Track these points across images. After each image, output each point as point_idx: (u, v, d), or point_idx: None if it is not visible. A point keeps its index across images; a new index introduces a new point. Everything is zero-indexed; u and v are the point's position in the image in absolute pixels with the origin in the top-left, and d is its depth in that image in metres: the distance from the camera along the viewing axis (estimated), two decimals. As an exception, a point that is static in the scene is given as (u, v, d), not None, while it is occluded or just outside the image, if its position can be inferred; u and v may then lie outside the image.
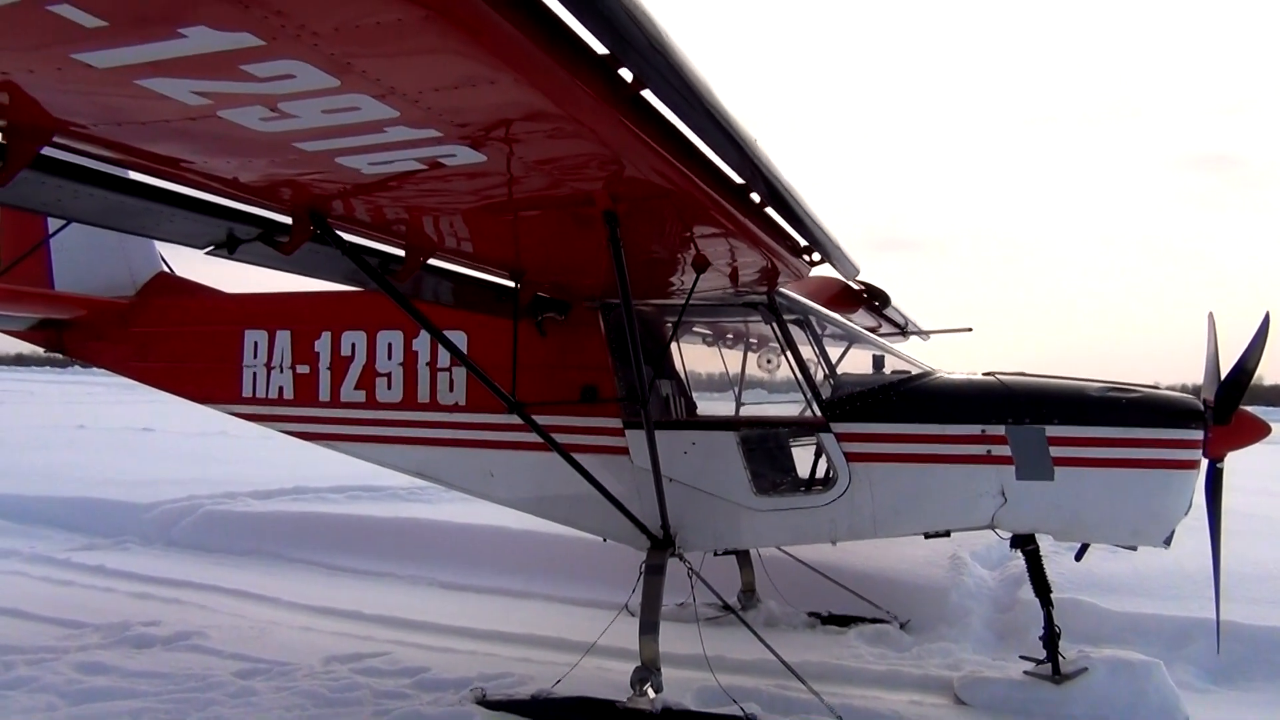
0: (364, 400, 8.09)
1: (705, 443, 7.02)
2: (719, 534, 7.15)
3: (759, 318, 7.46)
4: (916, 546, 9.89)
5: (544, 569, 10.25)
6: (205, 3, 2.40)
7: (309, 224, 4.73)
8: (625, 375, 7.14)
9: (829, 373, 7.21)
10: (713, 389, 9.72)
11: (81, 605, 9.06)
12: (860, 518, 6.72)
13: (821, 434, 6.84)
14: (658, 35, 3.04)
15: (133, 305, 9.13)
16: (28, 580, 10.08)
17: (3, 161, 3.51)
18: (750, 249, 5.65)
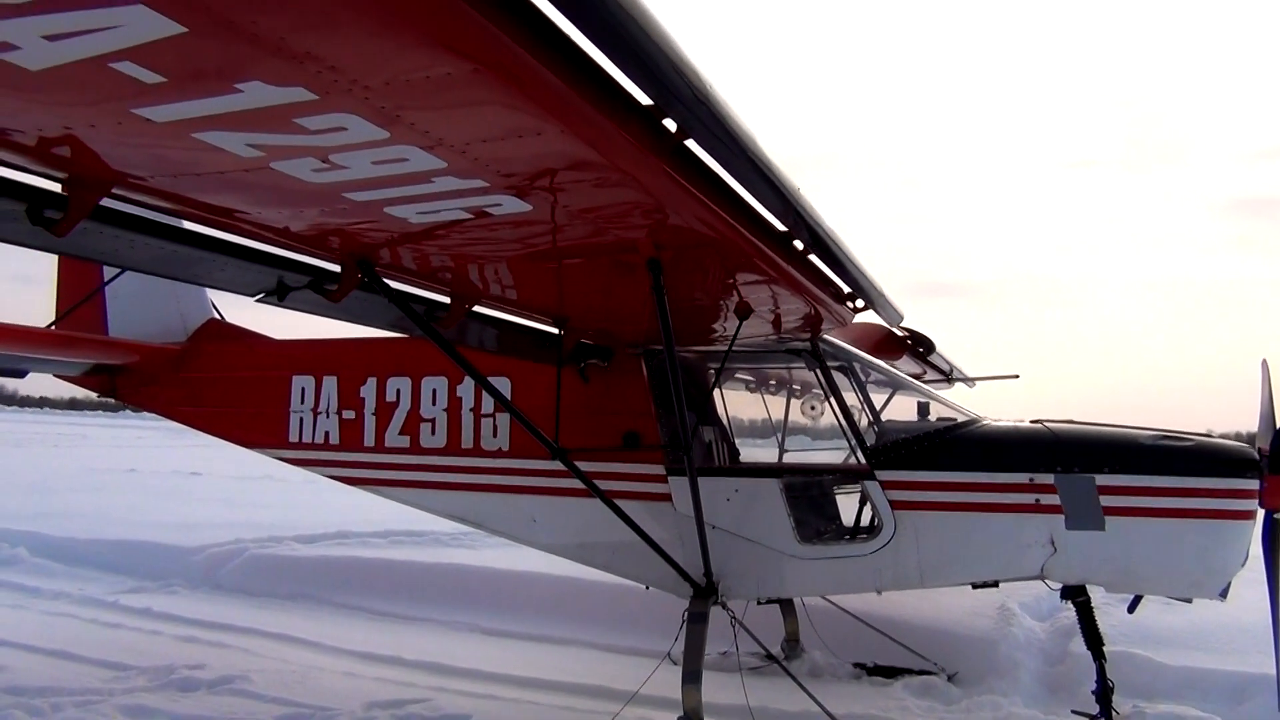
0: (408, 446, 8.15)
1: (748, 489, 6.98)
2: (762, 582, 7.07)
3: (802, 364, 7.44)
4: (964, 597, 9.71)
5: (586, 616, 10.19)
6: (261, 58, 2.47)
7: (357, 272, 4.81)
8: (668, 421, 7.13)
9: (873, 420, 7.15)
10: (755, 435, 9.68)
11: (128, 647, 9.14)
12: (906, 567, 6.63)
13: (866, 481, 6.77)
14: (701, 86, 3.08)
15: (184, 351, 9.29)
16: (77, 622, 10.19)
17: (64, 212, 3.62)
18: (793, 296, 5.66)
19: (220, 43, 2.38)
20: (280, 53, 2.43)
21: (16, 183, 3.59)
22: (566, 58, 2.76)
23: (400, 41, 2.45)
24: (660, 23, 2.71)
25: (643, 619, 9.41)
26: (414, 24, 2.37)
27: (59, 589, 11.73)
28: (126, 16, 2.21)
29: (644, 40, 2.69)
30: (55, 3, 2.16)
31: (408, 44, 2.46)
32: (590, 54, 2.82)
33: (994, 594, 9.48)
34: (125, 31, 2.29)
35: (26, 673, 8.13)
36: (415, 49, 2.49)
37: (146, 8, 2.17)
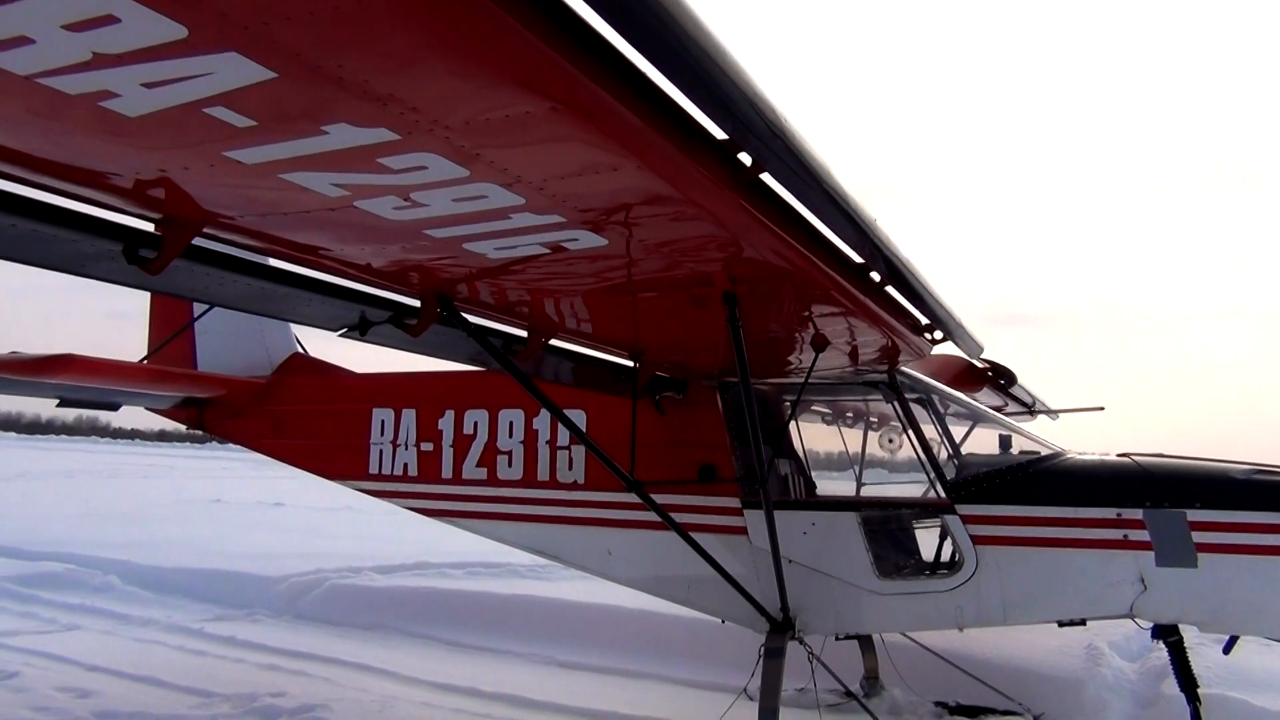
0: (485, 478, 8.22)
1: (825, 523, 6.90)
2: (840, 617, 6.97)
3: (879, 397, 7.36)
4: (1050, 635, 9.42)
5: (662, 649, 10.14)
6: (346, 101, 2.54)
7: (436, 307, 4.89)
8: (743, 454, 7.09)
9: (953, 453, 7.03)
10: (832, 468, 9.57)
11: (213, 675, 9.33)
12: (989, 604, 6.48)
13: (946, 516, 6.65)
14: (776, 120, 3.09)
15: (269, 385, 9.53)
16: (164, 649, 10.44)
17: (158, 251, 3.75)
18: (870, 328, 5.61)
19: (308, 87, 2.45)
20: (365, 95, 2.50)
21: (113, 223, 3.73)
22: (643, 94, 2.79)
23: (480, 82, 2.51)
24: (735, 58, 2.72)
25: (719, 653, 9.32)
26: (494, 65, 2.42)
27: (148, 616, 12.05)
28: (220, 64, 2.30)
29: (719, 76, 2.71)
30: (154, 51, 2.25)
31: (487, 84, 2.52)
32: (666, 90, 2.84)
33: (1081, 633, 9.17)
34: (219, 78, 2.38)
35: (117, 698, 8.35)
36: (495, 89, 2.54)
37: (239, 55, 2.26)
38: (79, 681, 8.85)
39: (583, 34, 2.46)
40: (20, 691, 8.46)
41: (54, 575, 14.17)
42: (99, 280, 4.13)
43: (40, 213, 3.52)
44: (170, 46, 2.22)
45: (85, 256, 3.85)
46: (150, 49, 2.23)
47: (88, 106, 2.54)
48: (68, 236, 3.67)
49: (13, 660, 9.52)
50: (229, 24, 2.13)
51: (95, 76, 2.38)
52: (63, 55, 2.27)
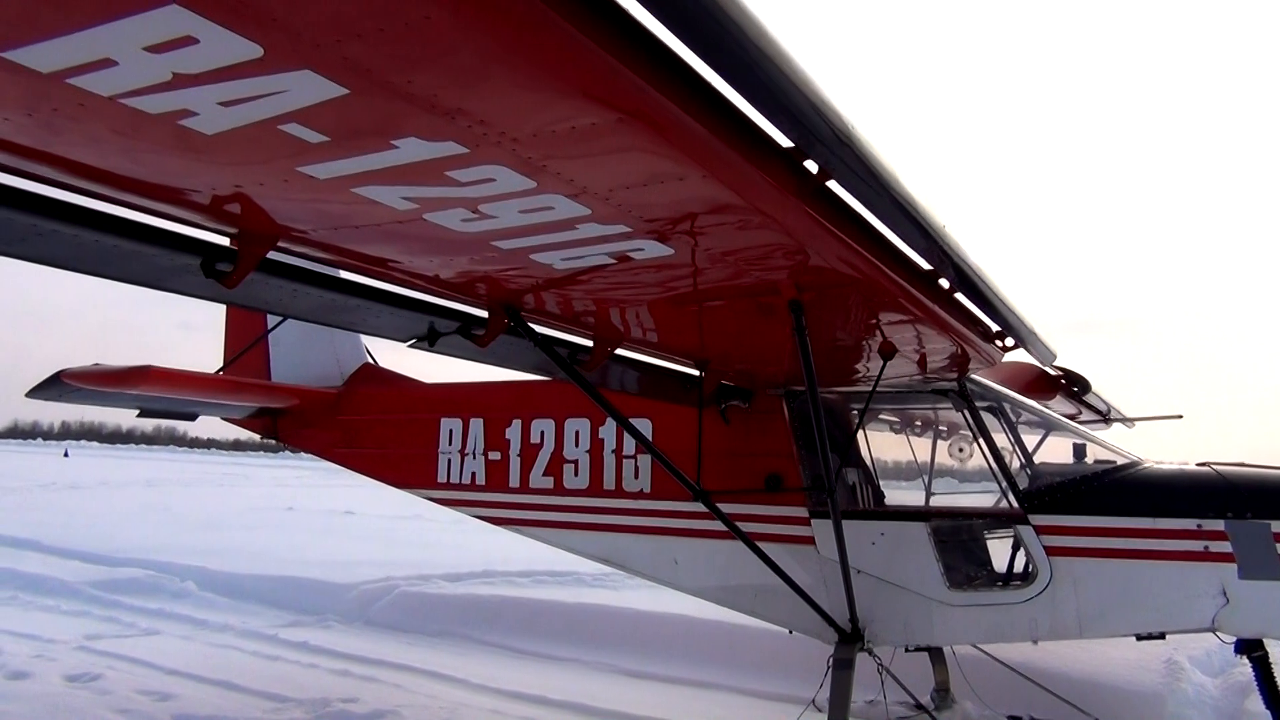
0: (552, 487, 8.27)
1: (894, 533, 6.83)
2: (910, 629, 6.88)
3: (949, 405, 7.25)
4: (1127, 649, 9.21)
5: (729, 659, 10.09)
6: (416, 115, 2.58)
7: (504, 317, 4.94)
8: (810, 463, 7.04)
9: (1025, 462, 6.91)
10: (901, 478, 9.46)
11: (287, 680, 9.50)
12: (1063, 616, 6.34)
13: (1019, 526, 6.53)
14: (844, 128, 3.06)
15: (340, 395, 9.69)
16: (240, 654, 10.66)
17: (234, 265, 3.84)
18: (939, 335, 5.54)
19: (378, 102, 2.49)
20: (433, 109, 2.53)
21: (191, 238, 3.83)
22: (708, 103, 2.79)
23: (547, 94, 2.53)
24: (801, 65, 2.71)
25: (787, 664, 9.27)
26: (560, 77, 2.44)
27: (224, 622, 12.31)
28: (294, 81, 2.35)
29: (785, 84, 2.70)
30: (231, 71, 2.30)
31: (554, 96, 2.54)
32: (731, 99, 2.84)
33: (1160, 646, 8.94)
34: (292, 95, 2.43)
35: (195, 701, 8.55)
36: (561, 101, 2.56)
37: (313, 72, 2.31)
38: (159, 685, 9.08)
39: (648, 44, 2.47)
40: (104, 694, 8.71)
41: (135, 581, 14.58)
42: (177, 294, 4.23)
43: (122, 228, 3.62)
44: (247, 66, 2.27)
45: (164, 271, 3.96)
46: (227, 68, 2.29)
47: (167, 125, 2.62)
48: (148, 252, 3.77)
49: (97, 663, 9.80)
50: (303, 43, 2.18)
51: (175, 96, 2.44)
52: (144, 76, 2.34)
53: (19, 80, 2.35)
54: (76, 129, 2.68)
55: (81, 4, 2.05)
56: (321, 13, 2.08)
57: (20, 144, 2.80)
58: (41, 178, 3.13)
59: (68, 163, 2.98)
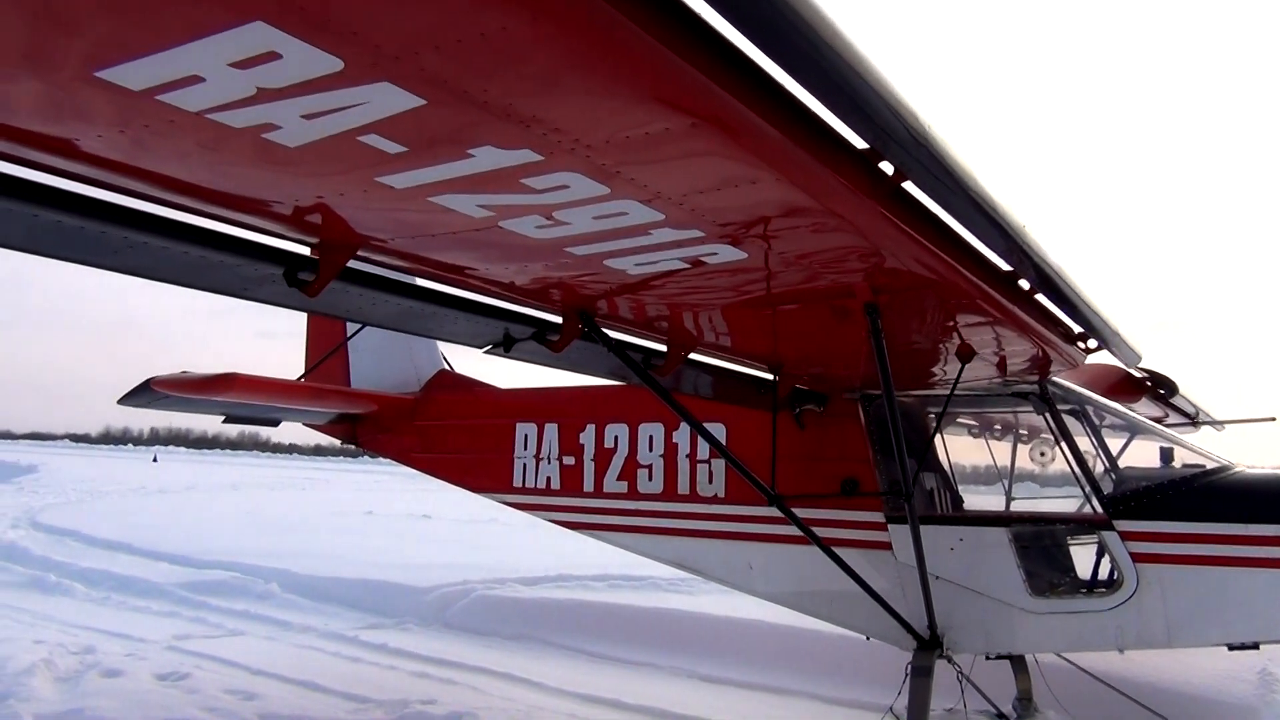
0: (626, 491, 8.29)
1: (974, 539, 6.71)
2: (991, 636, 6.76)
3: (1030, 408, 7.11)
4: (1217, 658, 8.92)
5: (805, 665, 10.00)
6: (491, 124, 2.61)
7: (578, 323, 4.97)
8: (887, 468, 6.96)
9: (1109, 466, 6.74)
10: (980, 482, 9.29)
11: (367, 681, 9.66)
12: (1151, 625, 6.18)
13: (1103, 532, 6.38)
14: (920, 128, 3.02)
15: (417, 401, 9.84)
16: (322, 655, 10.87)
17: (315, 274, 3.92)
18: (1019, 337, 5.43)
19: (455, 112, 2.53)
20: (509, 118, 2.56)
21: (275, 248, 3.92)
22: (781, 106, 2.77)
23: (620, 101, 2.54)
24: (876, 66, 2.68)
25: (864, 671, 9.16)
26: (634, 83, 2.45)
27: (306, 623, 12.58)
28: (374, 93, 2.40)
29: (860, 86, 2.67)
30: (313, 85, 2.36)
31: (628, 103, 2.55)
32: (805, 101, 2.82)
33: (1254, 657, 8.66)
34: (372, 107, 2.48)
35: (279, 701, 8.75)
36: (635, 107, 2.57)
37: (391, 84, 2.35)
38: (244, 684, 9.30)
39: (721, 48, 2.46)
40: (192, 692, 8.96)
41: (221, 583, 14.97)
42: (261, 303, 4.34)
43: (209, 240, 3.73)
44: (328, 79, 2.32)
45: (249, 281, 4.06)
46: (309, 82, 2.34)
47: (251, 139, 2.69)
48: (233, 262, 3.87)
49: (185, 663, 10.07)
50: (382, 55, 2.22)
51: (259, 110, 2.51)
52: (230, 92, 2.41)
53: (112, 98, 2.43)
54: (166, 144, 2.77)
55: (170, 23, 2.12)
56: (400, 26, 2.12)
57: (113, 160, 2.90)
58: (133, 192, 3.24)
59: (157, 177, 3.08)
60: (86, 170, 3.01)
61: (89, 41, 2.20)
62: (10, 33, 2.17)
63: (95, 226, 3.40)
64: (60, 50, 2.25)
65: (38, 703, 8.38)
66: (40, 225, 3.32)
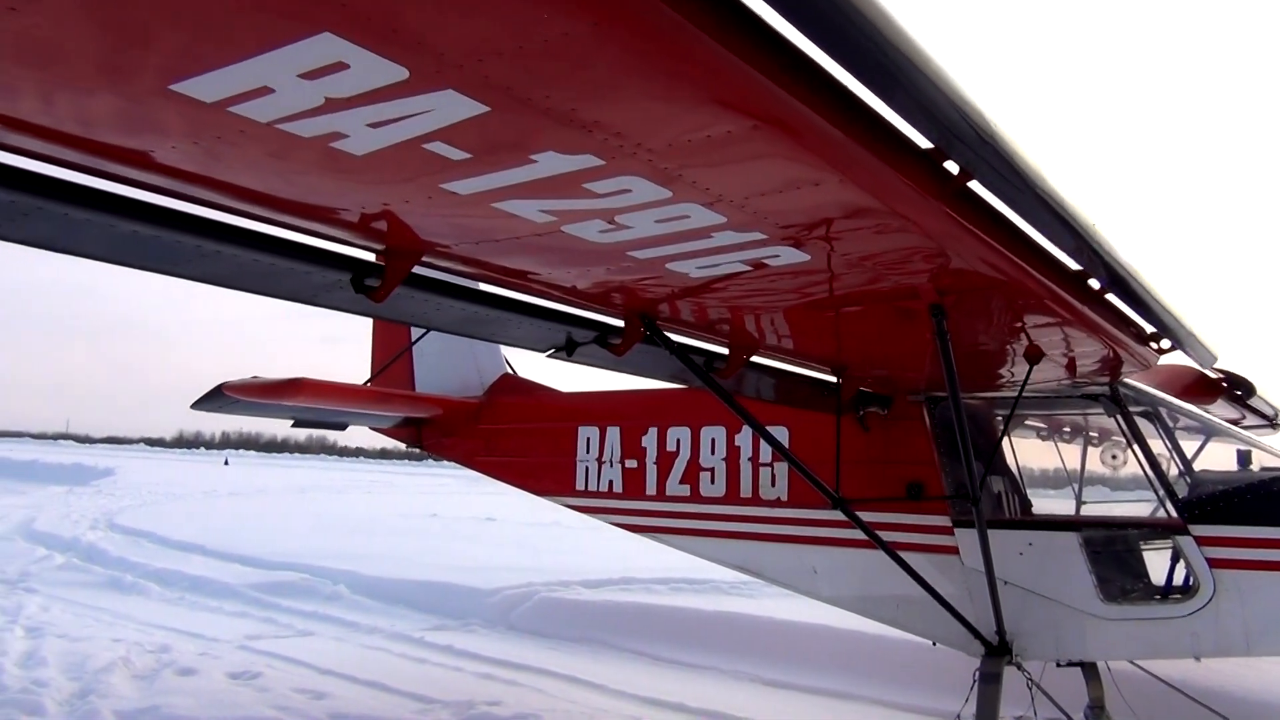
0: (688, 494, 8.28)
1: (1044, 543, 6.59)
2: (1061, 643, 6.62)
3: (1100, 410, 6.96)
4: (1300, 668, 8.68)
5: (870, 671, 9.91)
6: (554, 130, 2.63)
7: (640, 326, 4.98)
8: (953, 471, 6.86)
9: (1184, 470, 6.58)
10: (1049, 486, 9.13)
11: (433, 682, 9.78)
12: (1229, 632, 6.01)
13: (1178, 537, 6.22)
14: (986, 127, 2.98)
15: (481, 405, 9.93)
16: (389, 656, 11.02)
17: (381, 280, 3.98)
18: (1089, 338, 5.32)
19: (518, 118, 2.55)
20: (571, 123, 2.58)
21: (342, 255, 3.99)
22: (844, 107, 2.75)
23: (682, 104, 2.54)
24: (940, 65, 2.65)
25: (930, 676, 9.04)
26: (695, 86, 2.45)
27: (374, 624, 12.76)
28: (439, 101, 2.43)
29: (925, 85, 2.65)
30: (379, 94, 2.40)
31: (689, 106, 2.55)
32: (868, 101, 2.80)
33: (1338, 666, 8.41)
34: (437, 115, 2.51)
35: (348, 701, 8.88)
36: (696, 110, 2.57)
37: (456, 92, 2.38)
38: (314, 684, 9.46)
39: (783, 50, 2.45)
40: (264, 691, 9.14)
41: (290, 584, 15.26)
42: (329, 309, 4.41)
43: (278, 247, 3.80)
44: (394, 88, 2.36)
45: (317, 287, 4.13)
46: (376, 91, 2.38)
47: (319, 148, 2.74)
48: (302, 269, 3.94)
49: (257, 662, 10.28)
50: (446, 64, 2.25)
51: (327, 120, 2.56)
52: (299, 102, 2.45)
53: (186, 111, 2.50)
54: (237, 154, 2.83)
55: (242, 36, 2.17)
56: (464, 34, 2.15)
57: (187, 170, 2.98)
58: (205, 201, 3.32)
59: (229, 186, 3.15)
60: (161, 181, 3.09)
61: (164, 56, 2.26)
62: (88, 48, 2.24)
63: (171, 236, 3.49)
64: (136, 65, 2.31)
65: (116, 699, 8.62)
66: (118, 236, 3.41)
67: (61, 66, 2.34)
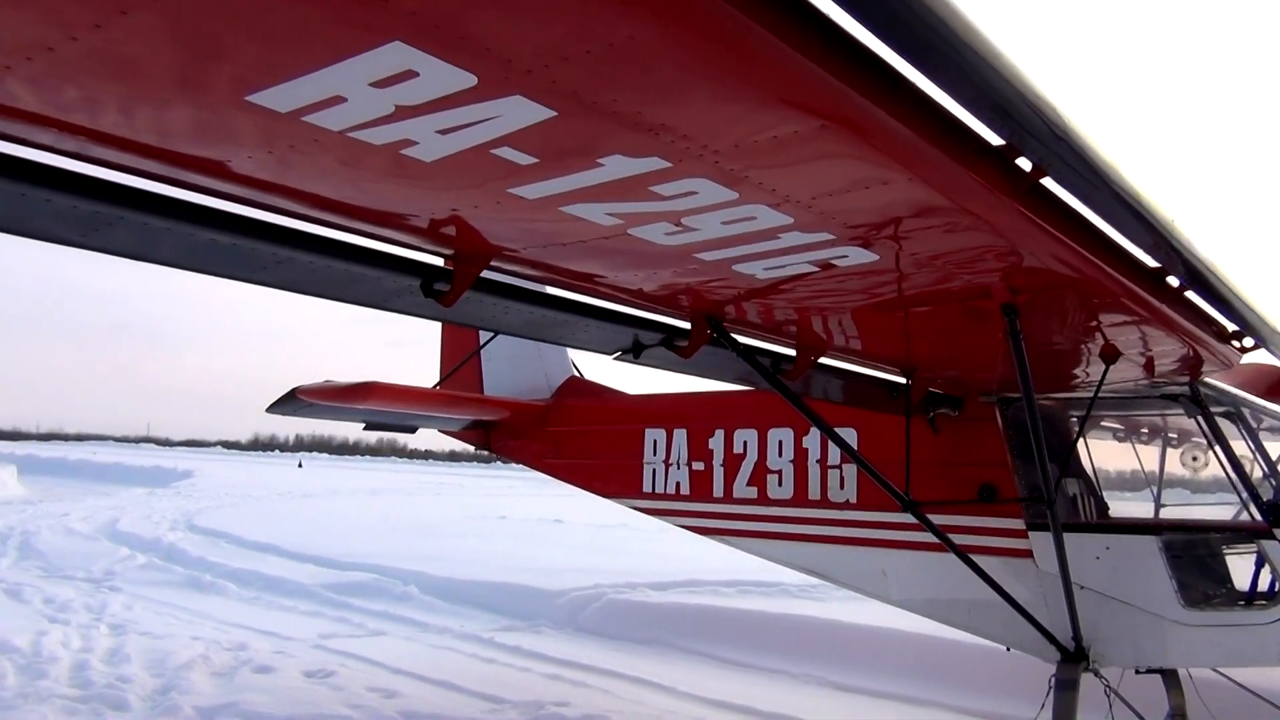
0: (756, 497, 8.25)
1: (1121, 547, 6.44)
2: (1140, 649, 6.47)
3: (1180, 410, 6.78)
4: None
5: (941, 676, 9.77)
6: (620, 133, 2.63)
7: (706, 328, 4.96)
8: (1027, 473, 6.74)
9: (1270, 472, 6.38)
10: (1126, 488, 8.92)
11: (503, 682, 9.86)
12: (1317, 640, 5.81)
13: (1263, 541, 6.04)
14: (1060, 123, 2.92)
15: (548, 407, 10.00)
16: (459, 656, 11.14)
17: (450, 285, 4.02)
18: (1168, 337, 5.19)
19: (585, 122, 2.57)
20: (637, 126, 2.58)
21: (412, 260, 4.04)
22: (913, 104, 2.71)
23: (748, 105, 2.53)
24: (1012, 61, 2.61)
25: (1004, 682, 8.89)
26: (762, 87, 2.44)
27: (443, 624, 12.92)
28: (506, 107, 2.45)
29: (997, 81, 2.60)
30: (448, 100, 2.42)
31: (756, 106, 2.54)
32: (937, 99, 2.76)
33: None
34: (505, 120, 2.53)
35: (419, 700, 9.01)
36: (763, 110, 2.56)
37: (523, 97, 2.40)
38: (386, 683, 9.61)
39: (849, 47, 2.43)
40: (338, 690, 9.30)
41: (362, 584, 15.51)
42: (399, 313, 4.47)
43: (350, 254, 3.86)
44: (462, 95, 2.38)
45: (388, 292, 4.19)
46: (445, 98, 2.41)
47: (390, 155, 2.78)
48: (373, 275, 4.01)
49: (330, 661, 10.47)
50: (514, 69, 2.27)
51: (397, 127, 2.59)
52: (370, 110, 2.49)
53: (261, 121, 2.55)
54: (309, 163, 2.88)
55: (315, 47, 2.21)
56: (531, 40, 2.17)
57: (261, 179, 3.04)
58: (279, 209, 3.39)
59: (301, 194, 3.21)
60: (236, 189, 3.16)
61: (241, 68, 2.31)
62: (168, 63, 2.30)
63: (246, 243, 3.57)
64: (214, 77, 2.37)
65: (196, 696, 8.84)
66: (196, 244, 3.50)
67: (142, 80, 2.40)
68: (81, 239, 3.34)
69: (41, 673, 9.50)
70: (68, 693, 8.88)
